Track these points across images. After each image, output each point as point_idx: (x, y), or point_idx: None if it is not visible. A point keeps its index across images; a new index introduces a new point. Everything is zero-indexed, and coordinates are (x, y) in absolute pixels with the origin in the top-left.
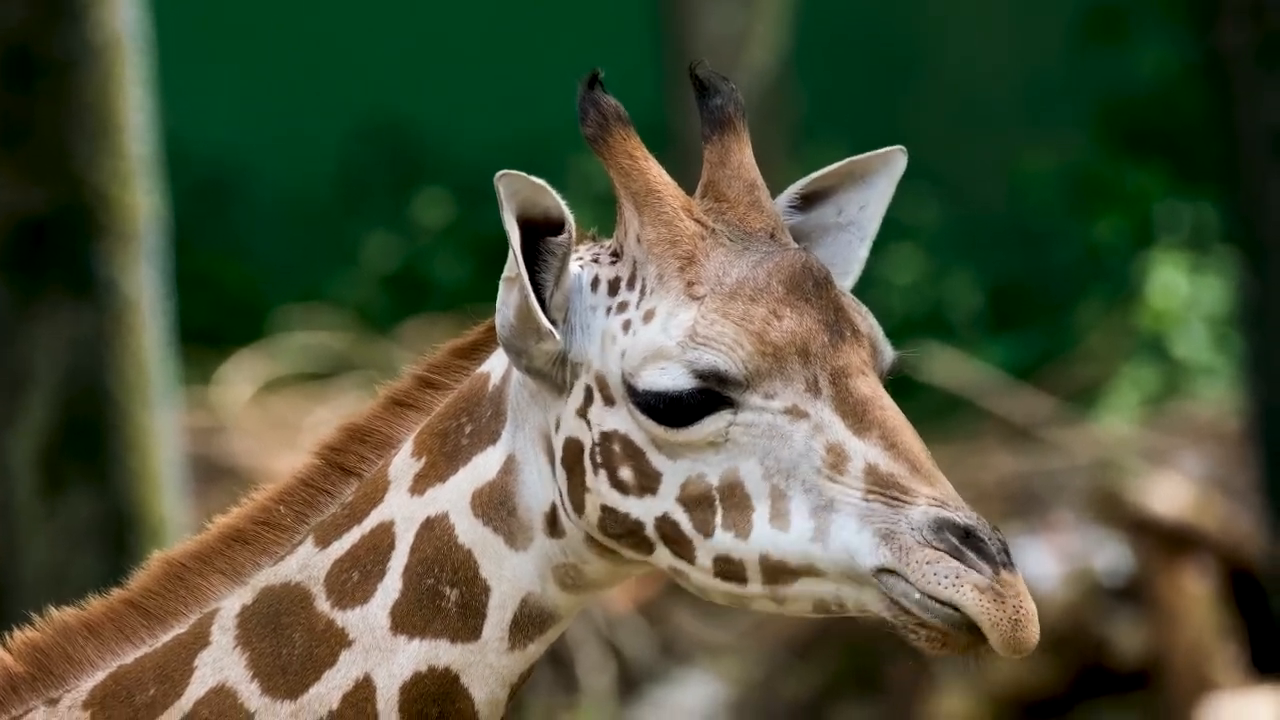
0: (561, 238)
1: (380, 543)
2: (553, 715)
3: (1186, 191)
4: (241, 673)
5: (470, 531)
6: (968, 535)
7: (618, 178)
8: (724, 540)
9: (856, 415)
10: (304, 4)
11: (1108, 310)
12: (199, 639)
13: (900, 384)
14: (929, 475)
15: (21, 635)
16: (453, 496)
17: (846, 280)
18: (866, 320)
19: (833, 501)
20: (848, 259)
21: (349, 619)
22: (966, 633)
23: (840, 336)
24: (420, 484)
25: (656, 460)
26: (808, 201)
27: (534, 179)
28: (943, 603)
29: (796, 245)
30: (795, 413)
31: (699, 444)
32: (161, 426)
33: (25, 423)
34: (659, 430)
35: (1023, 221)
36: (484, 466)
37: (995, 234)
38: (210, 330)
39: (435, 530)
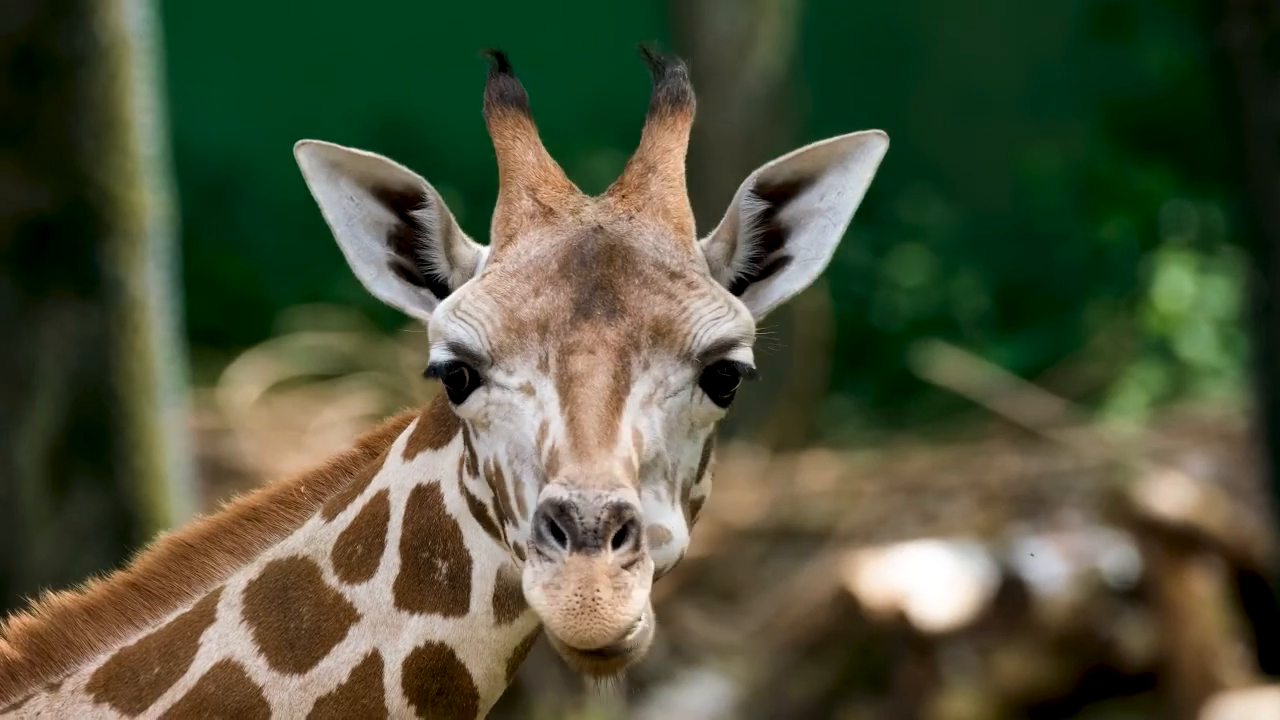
0: (425, 212)
1: (378, 512)
2: (560, 716)
3: (1193, 191)
4: (249, 647)
5: (455, 502)
6: (562, 512)
7: (498, 158)
8: (509, 530)
9: (564, 392)
10: (311, 3)
11: (1114, 311)
12: (204, 616)
13: (909, 384)
14: (584, 452)
15: (18, 621)
16: (444, 465)
17: (816, 265)
18: (675, 302)
19: (539, 488)
20: (820, 244)
21: (357, 594)
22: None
23: (585, 314)
24: (412, 448)
25: (473, 439)
26: (790, 187)
27: (362, 152)
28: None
29: (635, 225)
30: (527, 389)
31: (478, 422)
32: (168, 427)
33: (32, 422)
34: (452, 406)
35: (1029, 222)
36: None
37: (1001, 234)
38: (217, 331)
39: (427, 500)
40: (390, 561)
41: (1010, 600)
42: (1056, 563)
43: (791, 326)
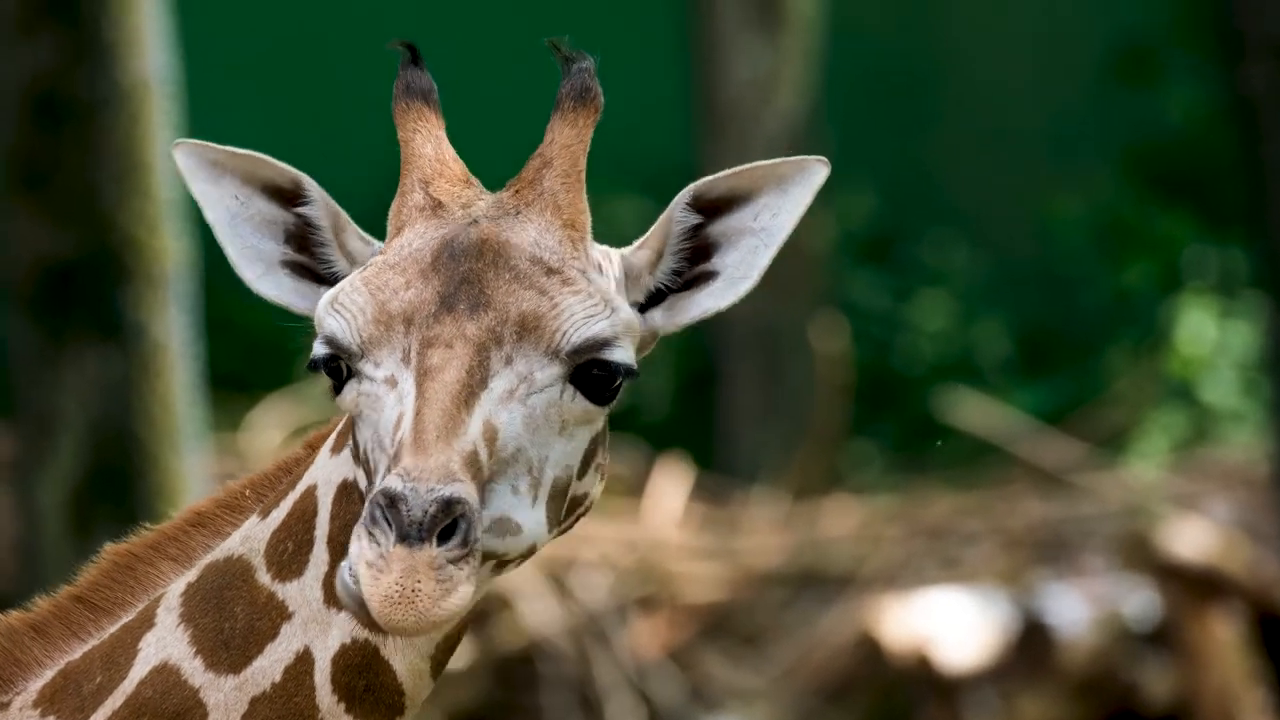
0: (310, 208)
1: (307, 508)
2: None
3: (1215, 236)
4: (185, 649)
5: None
6: (392, 503)
7: (400, 151)
8: None
9: (419, 385)
10: (332, 49)
11: (1136, 356)
12: (145, 622)
13: (931, 429)
14: (422, 445)
15: None
16: None
17: (743, 284)
18: (546, 298)
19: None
20: (750, 264)
21: (289, 591)
22: (365, 613)
23: (449, 308)
24: (339, 442)
25: (355, 430)
26: (725, 203)
27: (242, 151)
28: (355, 581)
29: (519, 220)
30: (390, 382)
31: (354, 413)
32: (190, 471)
33: (54, 466)
34: (333, 398)
35: (1052, 266)
36: None
37: (1024, 279)
38: (239, 375)
39: (352, 495)
40: (319, 558)
41: (1032, 644)
42: (1078, 607)
43: (813, 370)
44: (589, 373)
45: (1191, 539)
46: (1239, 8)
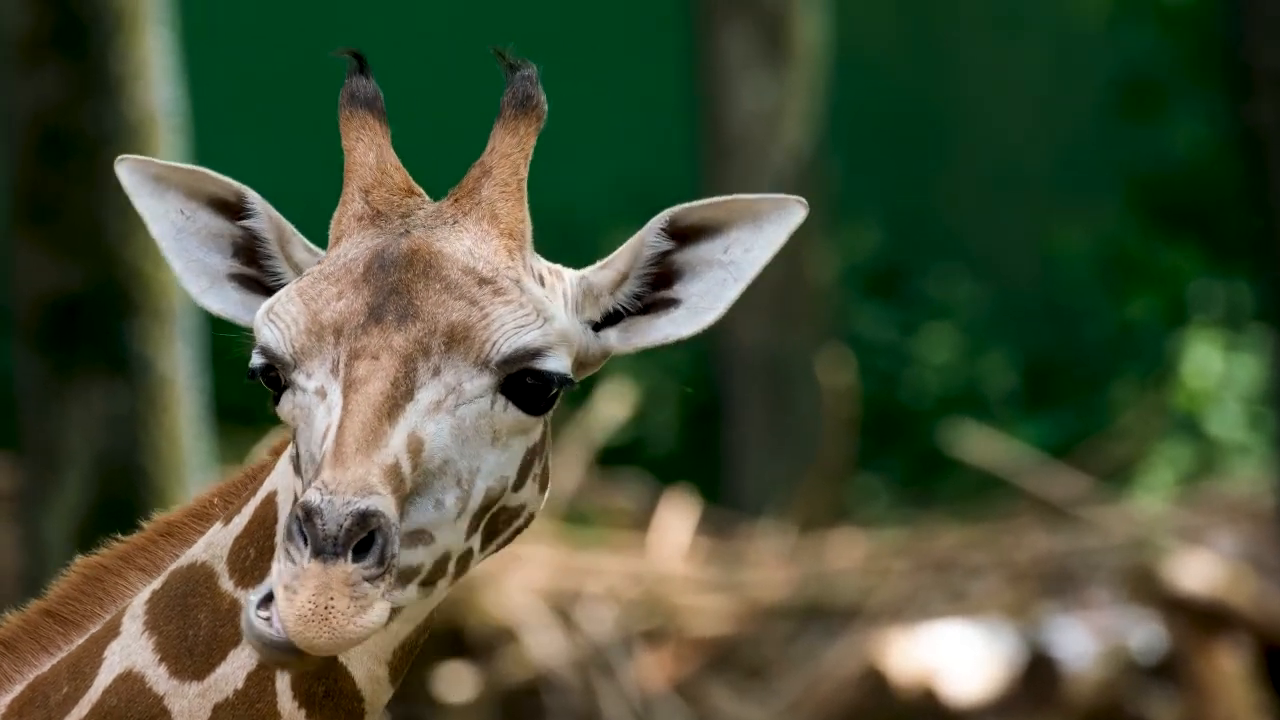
0: (255, 221)
1: (267, 514)
2: None
3: (1220, 269)
4: (149, 657)
5: None
6: (308, 517)
7: (344, 159)
8: None
9: (344, 397)
10: (338, 82)
11: (1142, 389)
12: (110, 631)
13: (937, 462)
14: (340, 458)
15: None
16: None
17: (708, 316)
18: (476, 308)
19: None
20: (716, 296)
21: (250, 598)
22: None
23: (378, 319)
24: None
25: (294, 440)
26: (696, 232)
27: (184, 165)
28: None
29: (455, 229)
30: (320, 393)
31: (291, 424)
32: None
33: (60, 500)
34: (272, 408)
35: (1057, 299)
36: None
37: (1030, 312)
38: (245, 408)
39: None
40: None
41: (1038, 677)
42: (1084, 640)
43: (819, 403)
44: (522, 382)
45: (1197, 572)
46: (1246, 41)
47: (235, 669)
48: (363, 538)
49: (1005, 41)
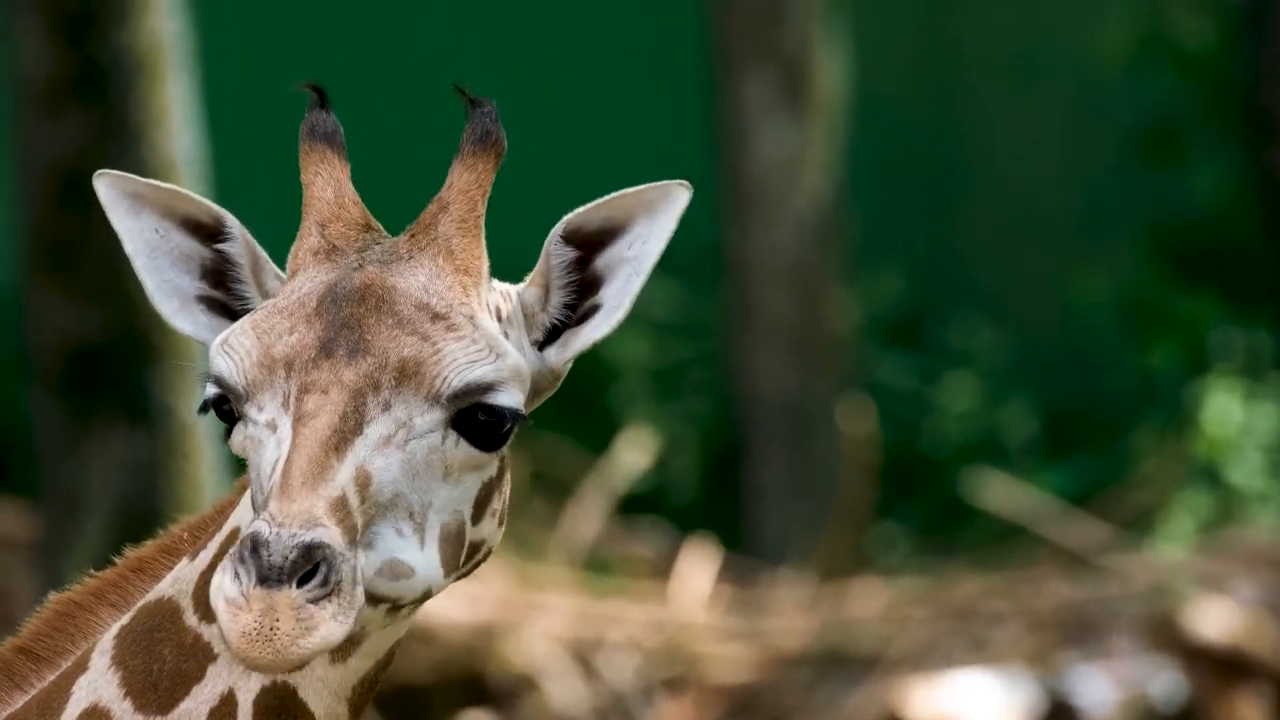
0: (230, 245)
1: (231, 549)
2: None
3: (1241, 317)
4: (115, 692)
5: None
6: (255, 548)
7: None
8: None
9: (294, 431)
10: (361, 125)
11: (1162, 437)
12: (79, 667)
13: (957, 510)
14: (286, 490)
15: None
16: None
17: (617, 314)
18: (428, 344)
19: None
20: (623, 292)
21: (214, 633)
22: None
23: (328, 353)
24: None
25: (249, 472)
26: (604, 234)
27: (163, 185)
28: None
29: (409, 265)
30: (271, 426)
31: (243, 456)
32: None
33: (80, 548)
34: (226, 439)
35: (1077, 348)
36: None
37: (1050, 360)
38: None
39: None
40: None
41: None
42: (1105, 688)
43: (839, 452)
44: (474, 418)
45: (1218, 620)
46: (1264, 87)
47: (198, 704)
48: (307, 569)
49: (1024, 89)
